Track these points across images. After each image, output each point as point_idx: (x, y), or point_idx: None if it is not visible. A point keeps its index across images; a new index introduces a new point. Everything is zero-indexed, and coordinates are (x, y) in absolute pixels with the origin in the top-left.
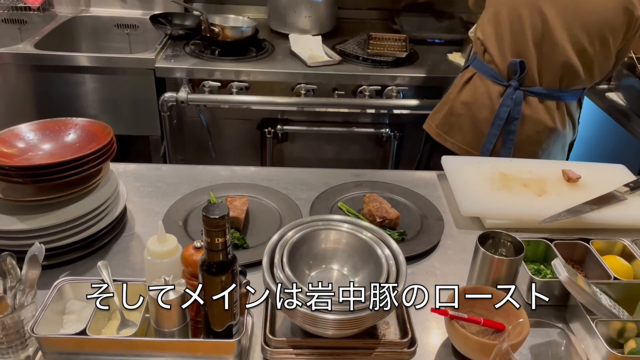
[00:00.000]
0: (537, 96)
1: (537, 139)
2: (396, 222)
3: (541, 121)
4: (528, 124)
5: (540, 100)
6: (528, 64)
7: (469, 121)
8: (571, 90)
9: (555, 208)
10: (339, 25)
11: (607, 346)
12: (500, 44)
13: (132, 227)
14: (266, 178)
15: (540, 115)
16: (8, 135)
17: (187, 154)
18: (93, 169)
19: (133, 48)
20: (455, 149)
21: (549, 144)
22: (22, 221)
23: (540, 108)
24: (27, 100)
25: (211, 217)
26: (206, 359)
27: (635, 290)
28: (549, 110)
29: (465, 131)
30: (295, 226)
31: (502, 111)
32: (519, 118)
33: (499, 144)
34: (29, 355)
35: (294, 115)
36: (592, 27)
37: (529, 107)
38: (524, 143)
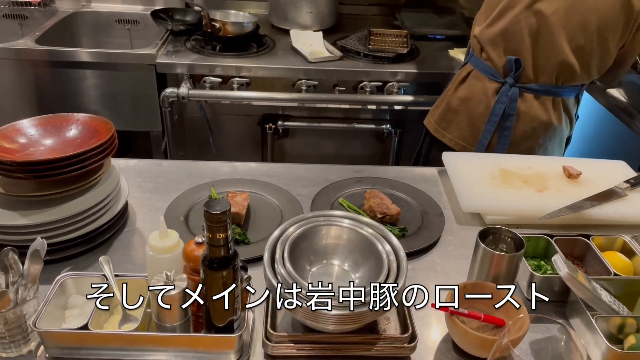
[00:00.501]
0: (534, 93)
1: (532, 134)
2: (397, 218)
3: (537, 117)
4: (524, 120)
5: (536, 97)
6: (524, 61)
7: (466, 117)
8: (568, 86)
9: (555, 204)
10: (340, 21)
11: (607, 342)
12: (496, 41)
13: (134, 223)
14: (267, 174)
15: (536, 111)
16: (10, 130)
17: (188, 149)
18: (94, 165)
19: (134, 43)
20: (452, 144)
21: (545, 139)
22: (24, 216)
23: (536, 104)
24: (28, 96)
25: (212, 213)
26: (207, 353)
27: (635, 286)
28: (545, 106)
29: (462, 127)
30: (296, 222)
31: (497, 108)
32: (515, 114)
33: (495, 140)
34: (31, 349)
35: (295, 111)
36: (590, 23)
37: (524, 104)
38: (520, 139)
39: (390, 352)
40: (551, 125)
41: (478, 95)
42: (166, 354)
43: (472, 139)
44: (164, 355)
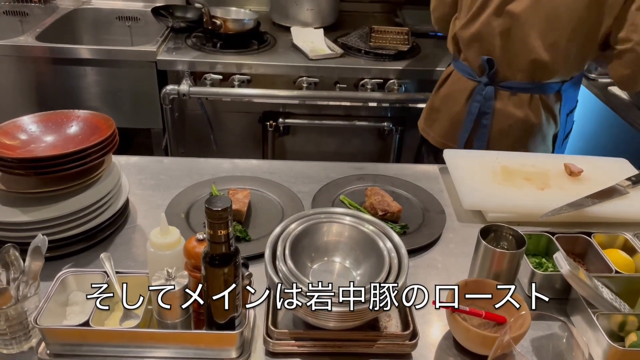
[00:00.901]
0: (510, 91)
1: (510, 132)
2: (398, 215)
3: (513, 115)
4: (500, 117)
5: (513, 95)
6: (497, 60)
7: (447, 116)
8: (546, 83)
9: (557, 202)
10: (341, 18)
11: (608, 339)
12: (471, 43)
13: (135, 220)
14: (268, 171)
15: (512, 109)
16: (10, 127)
17: (189, 147)
18: (95, 161)
19: (134, 40)
20: (435, 142)
21: (523, 137)
22: (24, 213)
23: (512, 102)
24: (28, 93)
25: (214, 209)
26: (208, 350)
27: (636, 284)
28: (522, 104)
29: (443, 125)
30: (297, 219)
31: (473, 107)
32: (490, 113)
33: (473, 138)
34: (32, 346)
35: (296, 108)
36: (560, 19)
37: (500, 102)
38: (498, 136)
39: (391, 349)
40: (528, 122)
41: (457, 95)
42: (167, 351)
43: (453, 137)
44: (165, 352)
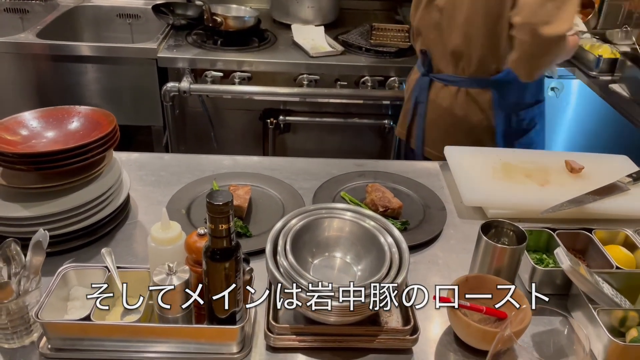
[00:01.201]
0: (442, 82)
1: (439, 123)
2: (399, 211)
3: (440, 106)
4: (431, 108)
5: (445, 86)
6: (431, 53)
7: (404, 109)
8: (474, 78)
9: (557, 198)
10: (341, 15)
11: (609, 334)
12: (415, 36)
13: (135, 216)
14: (269, 167)
15: (441, 100)
16: (11, 122)
17: (189, 144)
18: (96, 157)
19: (135, 38)
20: (399, 134)
21: (453, 129)
22: (25, 208)
23: (442, 94)
24: (29, 90)
25: (215, 204)
26: (209, 345)
27: (637, 280)
28: (449, 96)
29: (402, 118)
30: (298, 214)
31: (412, 96)
32: (425, 102)
33: (413, 126)
34: (34, 340)
35: (296, 105)
36: (477, 12)
37: (433, 93)
38: (430, 126)
39: (392, 344)
40: (453, 114)
41: (408, 86)
42: (168, 346)
43: (403, 125)
44: (166, 346)
